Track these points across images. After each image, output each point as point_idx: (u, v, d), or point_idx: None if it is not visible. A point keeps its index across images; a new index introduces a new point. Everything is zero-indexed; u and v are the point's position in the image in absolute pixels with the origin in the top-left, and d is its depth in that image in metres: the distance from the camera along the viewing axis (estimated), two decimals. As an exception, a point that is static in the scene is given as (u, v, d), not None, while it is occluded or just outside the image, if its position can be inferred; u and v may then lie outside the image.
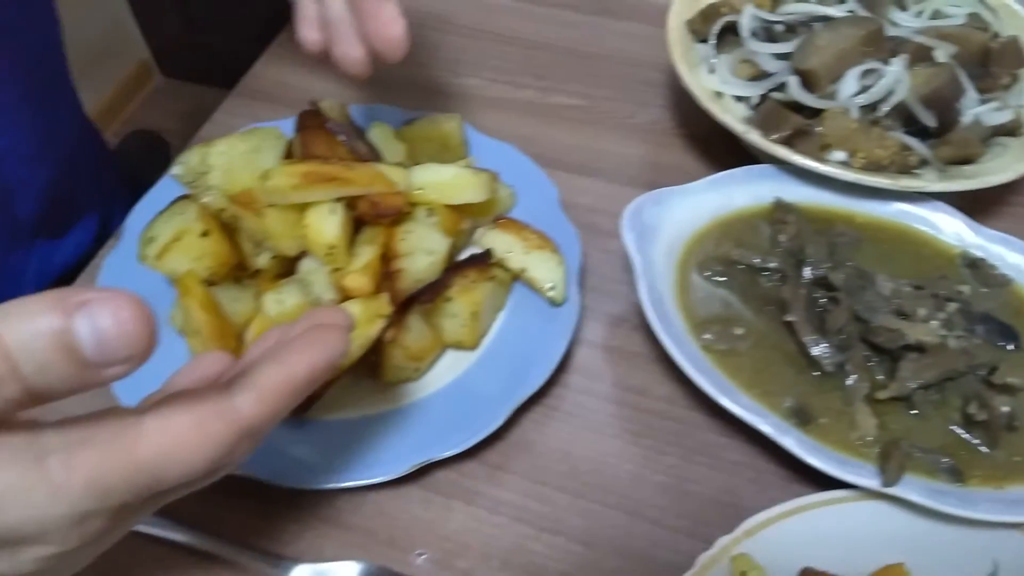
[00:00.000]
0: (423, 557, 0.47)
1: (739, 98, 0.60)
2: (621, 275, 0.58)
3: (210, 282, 0.52)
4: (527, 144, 0.64)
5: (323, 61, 0.52)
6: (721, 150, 0.64)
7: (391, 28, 0.46)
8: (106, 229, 0.72)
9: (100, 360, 0.23)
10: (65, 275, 0.68)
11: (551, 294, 0.54)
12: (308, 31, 0.51)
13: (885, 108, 0.55)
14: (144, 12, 1.93)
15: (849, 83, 0.55)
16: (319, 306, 0.49)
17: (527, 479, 0.50)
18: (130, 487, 0.25)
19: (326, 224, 0.50)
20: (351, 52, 0.49)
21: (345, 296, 0.50)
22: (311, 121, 0.56)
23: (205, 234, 0.51)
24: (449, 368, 0.53)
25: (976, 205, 0.60)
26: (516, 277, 0.56)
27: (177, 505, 0.42)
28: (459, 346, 0.53)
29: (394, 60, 0.48)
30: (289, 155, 0.56)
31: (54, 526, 0.25)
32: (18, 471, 0.24)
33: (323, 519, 0.49)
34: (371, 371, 0.52)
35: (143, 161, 1.60)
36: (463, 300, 0.52)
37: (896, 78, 0.55)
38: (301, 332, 0.31)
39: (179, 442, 0.26)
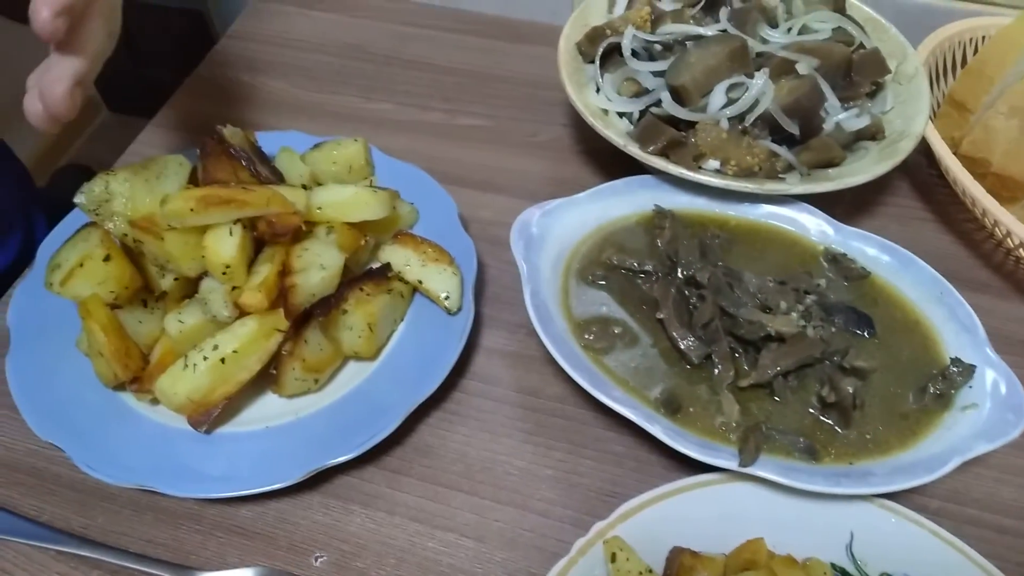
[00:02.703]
0: (321, 560, 0.49)
1: (622, 114, 0.64)
2: (519, 285, 0.60)
3: (115, 305, 0.54)
4: (434, 164, 0.67)
5: None
6: (615, 164, 0.67)
7: (56, 86, 0.42)
8: (29, 255, 0.73)
9: None
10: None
11: (446, 303, 0.56)
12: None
13: (751, 118, 0.59)
14: (89, 48, 1.93)
15: (717, 96, 0.59)
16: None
17: (424, 481, 0.52)
18: None
19: (222, 245, 0.52)
20: (30, 106, 0.44)
21: (242, 312, 0.52)
22: (214, 148, 0.58)
23: (107, 259, 0.53)
24: (351, 378, 0.55)
25: (847, 205, 0.64)
26: (415, 289, 0.58)
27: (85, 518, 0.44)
28: (358, 357, 0.56)
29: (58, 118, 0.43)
30: (194, 181, 0.58)
31: None
32: None
33: (226, 528, 0.50)
34: (272, 384, 0.54)
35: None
36: (359, 312, 0.54)
37: (760, 90, 0.59)
38: None
39: None
